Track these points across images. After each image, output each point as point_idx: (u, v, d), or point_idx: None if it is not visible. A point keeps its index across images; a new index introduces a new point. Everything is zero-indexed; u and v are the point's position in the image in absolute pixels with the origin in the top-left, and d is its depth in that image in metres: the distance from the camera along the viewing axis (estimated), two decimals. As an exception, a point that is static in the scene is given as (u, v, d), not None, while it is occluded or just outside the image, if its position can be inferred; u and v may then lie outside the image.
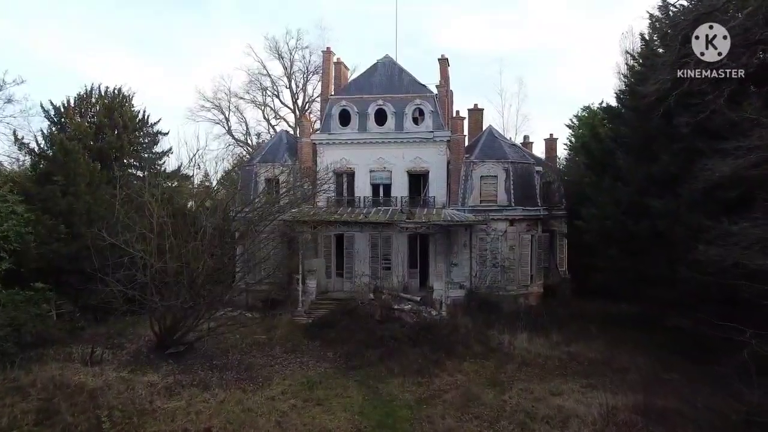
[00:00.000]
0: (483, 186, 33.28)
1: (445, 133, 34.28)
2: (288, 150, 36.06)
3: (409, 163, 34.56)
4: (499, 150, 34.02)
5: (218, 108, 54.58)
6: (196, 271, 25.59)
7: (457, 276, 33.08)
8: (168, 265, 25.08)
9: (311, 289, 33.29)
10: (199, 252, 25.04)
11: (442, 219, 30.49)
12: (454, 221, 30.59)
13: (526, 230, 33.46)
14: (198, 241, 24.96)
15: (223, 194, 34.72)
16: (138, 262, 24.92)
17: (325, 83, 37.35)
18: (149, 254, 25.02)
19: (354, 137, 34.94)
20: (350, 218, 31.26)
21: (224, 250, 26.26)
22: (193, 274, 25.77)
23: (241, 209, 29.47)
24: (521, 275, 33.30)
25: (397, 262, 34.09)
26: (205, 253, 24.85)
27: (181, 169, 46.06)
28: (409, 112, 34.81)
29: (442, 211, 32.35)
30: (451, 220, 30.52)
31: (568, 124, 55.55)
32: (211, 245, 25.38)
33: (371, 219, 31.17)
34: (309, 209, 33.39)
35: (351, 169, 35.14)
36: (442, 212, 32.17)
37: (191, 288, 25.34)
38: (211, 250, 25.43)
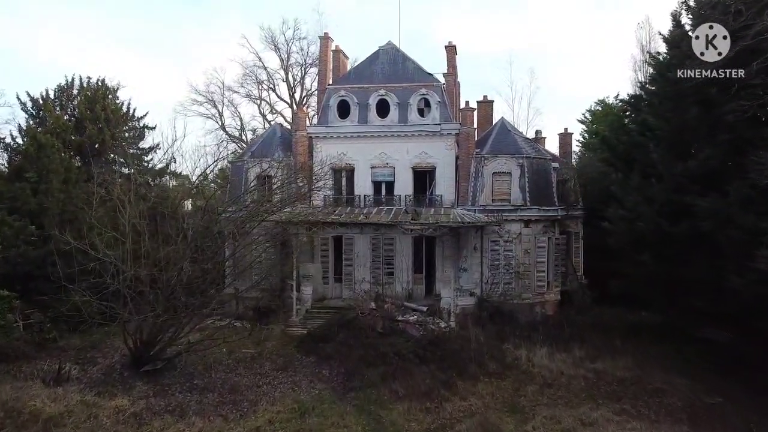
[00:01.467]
0: (495, 183, 30.31)
1: (453, 126, 31.32)
2: (282, 145, 33.11)
3: (414, 159, 31.60)
4: (513, 144, 31.05)
5: (211, 102, 51.73)
6: (174, 278, 22.69)
7: (466, 282, 30.11)
8: (143, 272, 22.20)
9: (306, 297, 30.34)
10: (178, 257, 22.15)
11: (450, 220, 27.51)
12: (464, 222, 27.60)
13: (543, 232, 30.48)
14: (177, 245, 22.05)
15: (211, 192, 31.71)
16: (109, 268, 22.05)
17: (323, 72, 34.39)
18: (121, 260, 22.13)
19: (354, 130, 31.99)
20: (349, 219, 28.31)
21: (208, 254, 23.31)
22: (171, 282, 22.87)
23: (224, 209, 26.51)
24: (537, 282, 30.33)
25: (401, 267, 31.14)
26: (185, 258, 21.94)
27: (169, 166, 43.46)
28: (414, 102, 31.86)
29: (450, 212, 29.37)
30: (461, 221, 27.53)
31: (580, 119, 52.52)
32: (191, 249, 22.46)
33: (372, 220, 28.20)
34: (304, 209, 30.45)
35: (350, 165, 32.20)
36: (450, 212, 29.19)
37: (169, 298, 22.44)
38: (193, 255, 22.52)
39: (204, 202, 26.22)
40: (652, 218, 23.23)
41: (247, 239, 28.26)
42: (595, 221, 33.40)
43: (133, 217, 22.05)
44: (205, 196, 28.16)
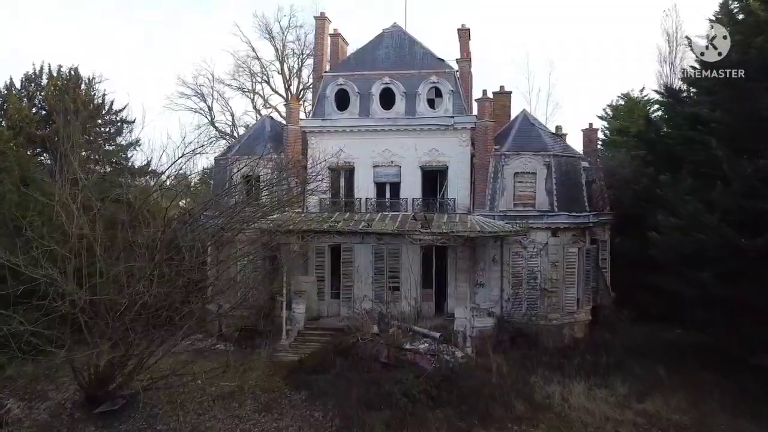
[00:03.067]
0: (518, 185, 26.18)
1: (468, 119, 27.19)
2: (272, 140, 28.99)
3: (424, 157, 27.47)
4: (538, 140, 26.90)
5: (200, 95, 47.52)
6: (135, 300, 18.56)
7: (483, 300, 25.97)
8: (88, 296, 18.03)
9: (299, 316, 26.22)
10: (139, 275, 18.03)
11: (468, 229, 23.35)
12: (484, 232, 23.43)
13: (572, 242, 26.32)
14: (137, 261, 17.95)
15: (185, 193, 27.56)
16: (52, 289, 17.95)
17: (319, 58, 30.26)
18: (68, 279, 18.03)
19: (354, 124, 27.87)
20: (348, 227, 24.17)
21: (176, 269, 19.16)
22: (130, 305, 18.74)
23: (199, 213, 22.38)
24: (566, 299, 26.18)
25: (408, 282, 27.04)
26: (145, 277, 17.81)
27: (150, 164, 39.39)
28: (424, 92, 27.74)
29: (466, 219, 25.19)
30: (481, 230, 23.36)
31: (600, 115, 48.42)
32: (154, 265, 18.32)
33: (375, 229, 24.05)
34: (296, 214, 26.34)
35: (350, 163, 28.08)
36: (467, 220, 25.02)
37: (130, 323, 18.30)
38: (157, 272, 18.37)
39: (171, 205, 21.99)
40: (715, 228, 19.07)
41: (230, 249, 24.24)
42: (628, 228, 29.38)
43: (81, 227, 17.91)
44: (173, 198, 23.87)
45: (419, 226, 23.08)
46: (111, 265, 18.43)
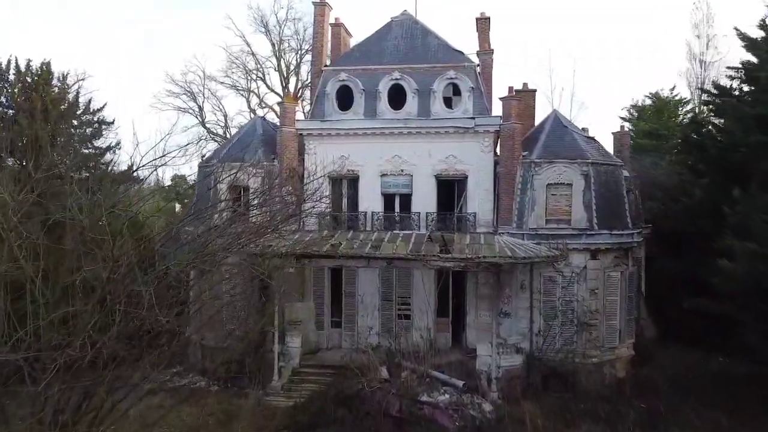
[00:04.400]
0: (550, 199, 22.37)
1: (491, 120, 23.40)
2: (264, 144, 25.18)
3: (439, 164, 23.68)
4: (573, 145, 23.07)
5: (189, 93, 43.64)
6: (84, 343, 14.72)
7: (509, 332, 22.17)
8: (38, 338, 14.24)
9: (294, 351, 22.45)
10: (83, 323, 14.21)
11: (497, 254, 19.54)
12: (516, 258, 19.57)
13: (614, 265, 22.52)
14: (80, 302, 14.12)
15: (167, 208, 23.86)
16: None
17: (318, 50, 26.41)
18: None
19: (358, 126, 24.07)
20: (351, 250, 20.39)
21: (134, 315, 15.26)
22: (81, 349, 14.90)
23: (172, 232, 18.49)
24: (606, 332, 22.38)
25: (420, 309, 23.27)
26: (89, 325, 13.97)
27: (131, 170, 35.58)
28: (439, 89, 23.95)
29: (493, 240, 21.35)
30: (512, 255, 19.51)
31: (624, 116, 44.53)
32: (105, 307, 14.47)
33: (385, 253, 20.25)
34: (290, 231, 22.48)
35: (354, 171, 24.28)
36: (493, 241, 21.18)
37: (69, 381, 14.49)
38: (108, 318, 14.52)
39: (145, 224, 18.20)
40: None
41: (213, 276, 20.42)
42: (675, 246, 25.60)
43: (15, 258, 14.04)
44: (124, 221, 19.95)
45: (437, 250, 19.25)
46: (51, 307, 14.55)
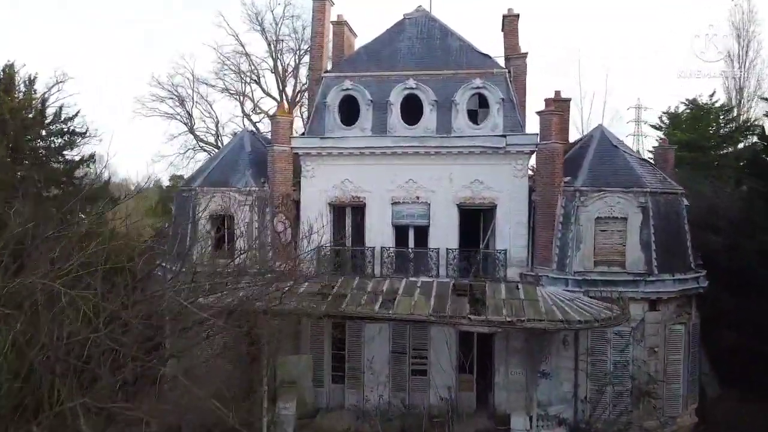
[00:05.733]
0: (600, 236, 18.34)
1: (527, 139, 19.41)
2: (253, 165, 21.17)
3: (462, 191, 19.72)
4: (627, 170, 19.03)
5: (176, 97, 39.66)
6: None
7: (549, 397, 18.21)
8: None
9: (288, 419, 18.52)
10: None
11: (545, 317, 15.49)
12: (570, 323, 15.43)
13: (676, 316, 18.52)
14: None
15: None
16: None
17: (317, 52, 22.35)
18: None
19: (365, 145, 20.09)
20: (358, 309, 16.38)
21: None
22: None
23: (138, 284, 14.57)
24: (667, 398, 18.39)
25: (439, 364, 19.35)
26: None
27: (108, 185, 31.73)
28: (463, 101, 19.95)
29: (536, 293, 17.22)
30: (565, 320, 15.39)
31: (655, 124, 40.42)
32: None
33: (401, 314, 16.18)
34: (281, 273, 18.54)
35: (359, 199, 20.32)
36: (536, 295, 17.06)
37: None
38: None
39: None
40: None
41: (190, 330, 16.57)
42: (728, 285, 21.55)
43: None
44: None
45: (467, 309, 15.25)
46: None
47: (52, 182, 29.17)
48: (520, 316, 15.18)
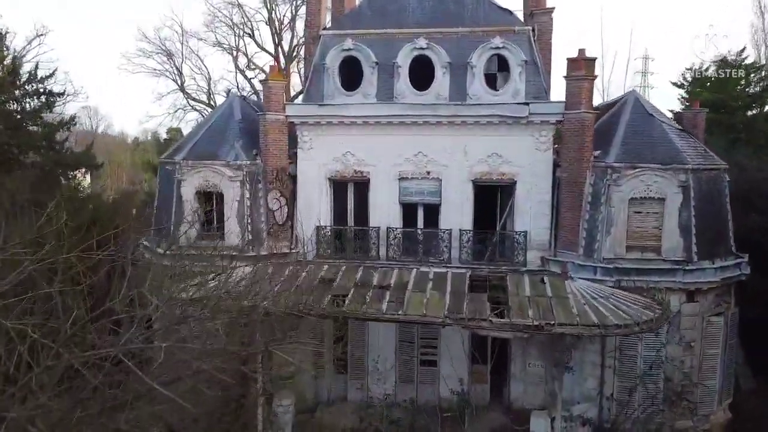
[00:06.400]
0: (633, 218, 16.35)
1: (552, 107, 17.21)
2: (243, 135, 18.95)
3: (478, 165, 17.64)
4: (665, 143, 16.85)
5: (165, 53, 36.99)
6: None
7: (571, 393, 16.59)
8: None
9: (285, 418, 16.99)
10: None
11: (577, 321, 13.58)
12: (606, 327, 13.48)
13: (714, 307, 16.74)
14: None
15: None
16: None
17: (315, 6, 19.75)
18: None
19: (369, 113, 17.86)
20: (362, 309, 14.52)
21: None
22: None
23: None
24: (701, 396, 16.79)
25: (450, 354, 17.74)
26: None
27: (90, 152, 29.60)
28: (480, 63, 17.62)
29: (564, 289, 15.29)
30: (600, 324, 13.47)
31: (676, 82, 37.78)
32: None
33: (411, 315, 14.27)
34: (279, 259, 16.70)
35: (363, 173, 18.24)
36: (565, 291, 15.14)
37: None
38: None
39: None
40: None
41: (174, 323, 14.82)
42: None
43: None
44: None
45: (487, 309, 13.40)
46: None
47: (30, 147, 27.13)
48: (548, 319, 13.33)
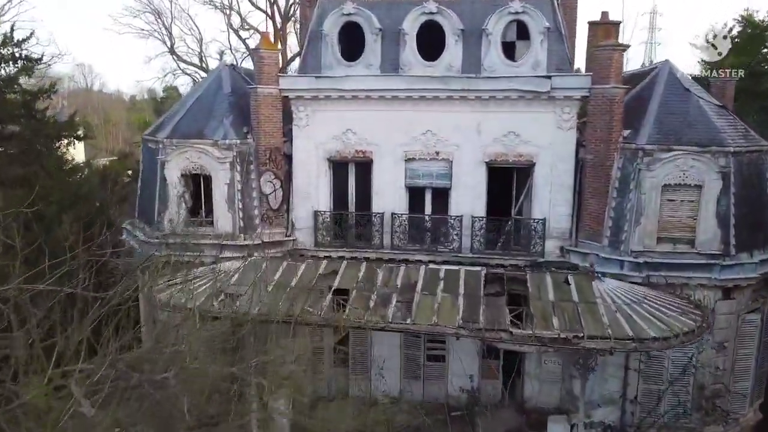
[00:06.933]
0: (666, 207, 14.72)
1: (578, 81, 15.40)
2: (234, 110, 17.11)
3: (493, 145, 15.92)
4: (704, 123, 15.07)
5: (153, 11, 34.61)
6: None
7: (591, 395, 15.28)
8: None
9: (282, 423, 15.77)
10: None
11: (609, 334, 11.99)
12: (643, 340, 11.96)
13: (750, 303, 15.26)
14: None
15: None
16: None
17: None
18: None
19: (372, 86, 16.03)
20: (363, 318, 13.08)
21: None
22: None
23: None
24: (733, 398, 15.49)
25: (460, 348, 16.40)
26: None
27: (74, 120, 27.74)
28: (496, 31, 15.70)
29: (592, 292, 13.74)
30: (636, 337, 11.96)
31: (696, 43, 35.52)
32: None
33: (421, 324, 12.79)
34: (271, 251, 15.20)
35: (365, 153, 16.54)
36: (593, 295, 13.58)
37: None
38: None
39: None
40: None
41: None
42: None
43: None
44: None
45: (507, 318, 11.89)
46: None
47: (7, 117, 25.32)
48: (576, 331, 11.86)
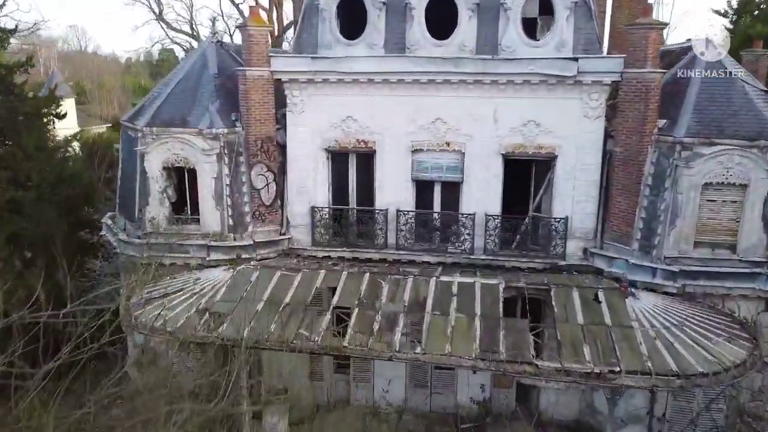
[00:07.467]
0: (706, 207, 13.10)
1: (608, 64, 13.56)
2: (220, 94, 15.34)
3: (511, 136, 14.21)
4: (751, 112, 13.26)
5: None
6: None
7: (618, 410, 13.97)
8: None
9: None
10: None
11: (648, 362, 10.53)
12: (690, 377, 10.28)
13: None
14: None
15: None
16: None
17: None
18: None
19: (375, 68, 14.23)
20: (366, 345, 11.46)
21: None
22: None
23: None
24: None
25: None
26: None
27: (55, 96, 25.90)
28: (516, 4, 13.82)
29: (625, 312, 12.17)
30: (681, 374, 10.29)
31: (719, 11, 33.13)
32: None
33: (432, 354, 11.20)
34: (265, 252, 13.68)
35: (367, 143, 14.85)
36: (626, 317, 12.00)
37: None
38: None
39: None
40: None
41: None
42: None
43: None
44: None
45: (531, 346, 10.38)
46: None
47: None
48: (612, 365, 10.33)
